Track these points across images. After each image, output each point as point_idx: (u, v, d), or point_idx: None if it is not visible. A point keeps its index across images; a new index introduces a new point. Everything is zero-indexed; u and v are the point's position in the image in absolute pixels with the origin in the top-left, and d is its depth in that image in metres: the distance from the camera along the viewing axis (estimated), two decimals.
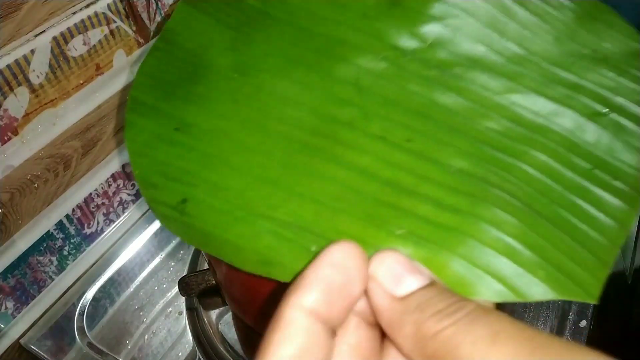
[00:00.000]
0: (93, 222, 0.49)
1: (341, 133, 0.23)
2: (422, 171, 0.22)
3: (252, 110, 0.25)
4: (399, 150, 0.23)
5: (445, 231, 0.20)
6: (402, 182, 0.22)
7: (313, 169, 0.23)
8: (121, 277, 0.49)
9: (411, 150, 0.23)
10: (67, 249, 0.47)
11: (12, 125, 0.39)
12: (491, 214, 0.21)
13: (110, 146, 0.48)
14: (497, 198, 0.21)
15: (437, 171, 0.22)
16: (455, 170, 0.22)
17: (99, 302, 0.47)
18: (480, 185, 0.21)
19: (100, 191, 0.49)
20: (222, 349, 0.42)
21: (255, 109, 0.25)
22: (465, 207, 0.21)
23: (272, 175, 0.23)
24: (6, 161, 0.40)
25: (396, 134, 0.23)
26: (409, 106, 0.24)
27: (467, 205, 0.21)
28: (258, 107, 0.25)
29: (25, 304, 0.45)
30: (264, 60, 0.26)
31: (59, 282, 0.48)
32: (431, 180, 0.22)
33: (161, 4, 0.49)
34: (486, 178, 0.22)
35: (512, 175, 0.22)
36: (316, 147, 0.23)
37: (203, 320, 0.44)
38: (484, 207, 0.21)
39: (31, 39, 0.39)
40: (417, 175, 0.22)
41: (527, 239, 0.20)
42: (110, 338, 0.45)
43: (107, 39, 0.44)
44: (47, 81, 0.41)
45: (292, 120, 0.24)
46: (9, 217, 0.41)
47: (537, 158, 0.22)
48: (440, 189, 0.21)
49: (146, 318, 0.46)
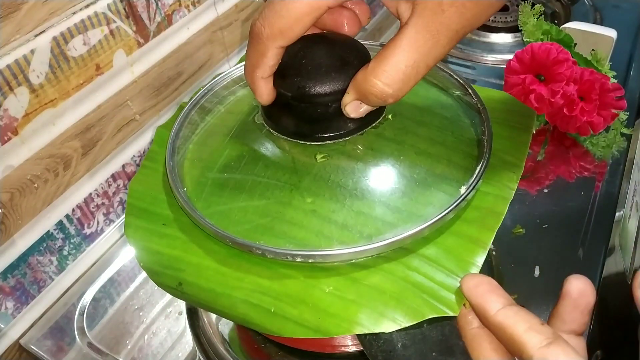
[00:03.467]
0: (93, 222, 0.49)
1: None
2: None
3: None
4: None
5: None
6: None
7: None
8: (121, 277, 0.49)
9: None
10: (67, 249, 0.47)
11: (12, 125, 0.39)
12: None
13: (110, 146, 0.48)
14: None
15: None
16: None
17: (99, 302, 0.47)
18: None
19: (100, 191, 0.49)
20: (222, 349, 0.42)
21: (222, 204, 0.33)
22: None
23: (235, 252, 0.30)
24: (6, 161, 0.40)
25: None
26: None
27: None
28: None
29: (25, 304, 0.45)
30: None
31: (59, 282, 0.48)
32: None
33: (161, 4, 0.49)
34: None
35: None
36: (265, 227, 0.31)
37: (203, 320, 0.44)
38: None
39: (31, 39, 0.39)
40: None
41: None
42: (110, 338, 0.45)
43: (107, 39, 0.44)
44: (47, 81, 0.41)
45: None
46: (9, 217, 0.41)
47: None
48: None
49: (146, 318, 0.46)
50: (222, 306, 0.29)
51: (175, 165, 0.35)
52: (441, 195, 0.31)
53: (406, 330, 0.28)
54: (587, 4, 0.78)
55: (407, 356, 0.28)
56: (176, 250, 0.31)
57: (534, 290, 0.44)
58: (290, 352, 0.41)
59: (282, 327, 0.28)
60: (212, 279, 0.30)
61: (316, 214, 0.30)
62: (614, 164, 0.54)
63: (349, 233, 0.30)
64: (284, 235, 0.30)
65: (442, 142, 0.34)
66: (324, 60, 0.30)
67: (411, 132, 0.34)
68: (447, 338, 0.29)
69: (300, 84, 0.30)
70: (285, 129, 0.33)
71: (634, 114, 0.59)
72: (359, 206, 0.30)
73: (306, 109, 0.32)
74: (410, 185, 0.31)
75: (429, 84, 0.39)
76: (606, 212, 0.50)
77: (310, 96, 0.30)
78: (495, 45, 0.72)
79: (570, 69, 0.53)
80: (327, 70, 0.30)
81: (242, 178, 0.33)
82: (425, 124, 0.35)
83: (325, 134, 0.32)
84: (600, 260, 0.45)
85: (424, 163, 0.32)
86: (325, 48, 0.31)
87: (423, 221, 0.29)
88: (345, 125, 0.32)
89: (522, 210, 0.50)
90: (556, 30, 0.60)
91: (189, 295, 0.30)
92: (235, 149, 0.35)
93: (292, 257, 0.28)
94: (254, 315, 0.28)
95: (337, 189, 0.31)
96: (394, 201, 0.31)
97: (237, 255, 0.30)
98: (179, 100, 0.54)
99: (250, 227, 0.31)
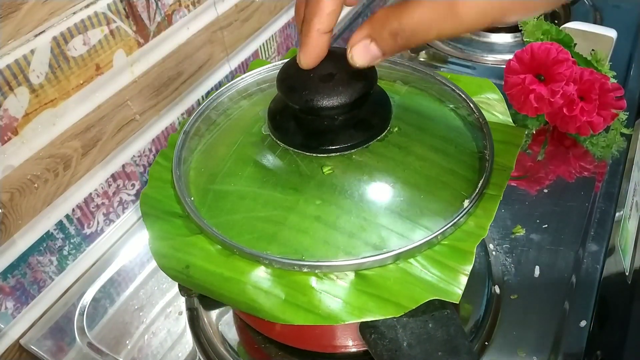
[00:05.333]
0: (93, 222, 0.49)
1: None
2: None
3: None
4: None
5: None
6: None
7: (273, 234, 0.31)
8: (121, 277, 0.49)
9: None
10: (67, 249, 0.47)
11: (12, 125, 0.39)
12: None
13: (110, 146, 0.48)
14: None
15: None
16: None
17: (99, 302, 0.47)
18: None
19: (100, 191, 0.49)
20: (222, 349, 0.42)
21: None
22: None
23: (246, 238, 0.31)
24: (6, 161, 0.40)
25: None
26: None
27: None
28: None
29: (25, 304, 0.45)
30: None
31: (59, 282, 0.48)
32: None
33: (161, 4, 0.49)
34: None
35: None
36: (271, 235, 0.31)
37: (203, 320, 0.44)
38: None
39: (31, 39, 0.39)
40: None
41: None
42: (110, 338, 0.45)
43: (107, 39, 0.44)
44: (47, 81, 0.41)
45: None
46: (9, 217, 0.41)
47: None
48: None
49: (146, 318, 0.46)
50: (229, 291, 0.29)
51: (182, 174, 0.35)
52: (444, 205, 0.31)
53: (412, 330, 0.29)
54: (587, 4, 0.78)
55: (413, 355, 0.28)
56: (187, 236, 0.32)
57: (534, 290, 0.44)
58: (291, 353, 0.41)
59: (293, 314, 0.28)
60: (221, 263, 0.30)
61: (322, 221, 0.31)
62: (614, 164, 0.54)
63: (354, 241, 0.30)
64: (289, 243, 0.30)
65: (445, 154, 0.35)
66: (331, 73, 0.31)
67: (415, 144, 0.34)
68: (453, 338, 0.29)
69: (308, 97, 0.31)
70: (292, 141, 0.34)
71: (633, 114, 0.59)
72: (365, 215, 0.31)
73: (313, 122, 0.33)
74: (415, 195, 0.32)
75: (432, 97, 0.40)
76: (606, 212, 0.50)
77: (318, 109, 0.31)
78: (495, 45, 0.72)
79: (570, 68, 0.53)
80: (334, 84, 0.31)
81: (248, 187, 0.33)
82: (428, 136, 0.35)
83: (332, 146, 0.33)
84: (600, 260, 0.45)
85: (428, 174, 0.33)
86: (332, 62, 0.31)
87: (427, 232, 0.30)
88: (352, 138, 0.33)
89: (522, 210, 0.50)
90: (556, 30, 0.61)
91: (195, 279, 0.30)
92: (240, 158, 0.35)
93: (299, 268, 0.29)
94: (263, 301, 0.28)
95: (342, 199, 0.32)
96: (399, 211, 0.31)
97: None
98: (179, 100, 0.54)
99: (257, 236, 0.31)
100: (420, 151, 0.34)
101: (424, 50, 0.73)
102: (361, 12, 0.81)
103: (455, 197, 0.32)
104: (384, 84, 0.41)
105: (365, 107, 0.33)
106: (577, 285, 0.44)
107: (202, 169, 0.36)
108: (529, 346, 0.40)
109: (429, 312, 0.29)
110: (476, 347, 0.41)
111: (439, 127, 0.37)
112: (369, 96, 0.32)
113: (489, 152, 0.34)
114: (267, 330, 0.40)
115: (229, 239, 0.30)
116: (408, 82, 0.41)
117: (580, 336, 0.41)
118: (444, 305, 0.30)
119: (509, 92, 0.56)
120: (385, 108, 0.35)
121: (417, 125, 0.36)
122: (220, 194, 0.34)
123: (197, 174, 0.36)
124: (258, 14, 0.62)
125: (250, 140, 0.36)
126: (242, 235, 0.31)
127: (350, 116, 0.33)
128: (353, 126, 0.33)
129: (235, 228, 0.32)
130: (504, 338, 0.41)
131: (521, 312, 0.43)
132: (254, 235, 0.31)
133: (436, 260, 0.29)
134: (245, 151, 0.36)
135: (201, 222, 0.32)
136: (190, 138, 0.38)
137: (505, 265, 0.46)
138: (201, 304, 0.45)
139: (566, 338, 0.41)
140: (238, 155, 0.36)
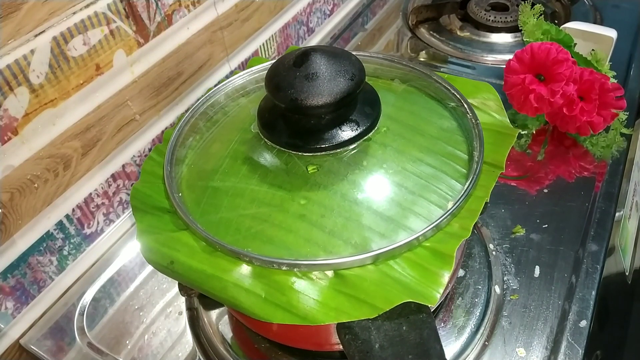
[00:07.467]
0: (93, 222, 0.49)
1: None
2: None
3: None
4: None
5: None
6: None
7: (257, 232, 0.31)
8: (121, 277, 0.49)
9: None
10: (67, 249, 0.47)
11: (12, 125, 0.39)
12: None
13: (110, 146, 0.48)
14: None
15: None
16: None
17: (99, 302, 0.47)
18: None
19: (100, 191, 0.49)
20: (222, 349, 0.42)
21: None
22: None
23: (232, 235, 0.31)
24: (6, 161, 0.40)
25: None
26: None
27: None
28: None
29: (25, 304, 0.45)
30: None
31: (59, 282, 0.48)
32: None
33: (161, 4, 0.49)
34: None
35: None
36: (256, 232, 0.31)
37: (203, 320, 0.44)
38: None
39: (31, 39, 0.39)
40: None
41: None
42: (110, 338, 0.45)
43: (107, 39, 0.44)
44: (47, 81, 0.41)
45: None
46: (9, 217, 0.41)
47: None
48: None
49: (146, 318, 0.46)
50: (212, 288, 0.30)
51: (172, 170, 0.35)
52: (429, 207, 0.31)
53: (385, 332, 0.29)
54: (587, 4, 0.78)
55: (384, 357, 0.28)
56: (173, 231, 0.32)
57: (534, 290, 0.44)
58: (290, 353, 0.41)
59: (271, 313, 0.28)
60: (204, 260, 0.30)
61: (306, 220, 0.31)
62: (614, 164, 0.54)
63: (335, 240, 0.30)
64: (273, 240, 0.31)
65: (435, 154, 0.34)
66: (318, 72, 0.31)
67: (405, 144, 0.34)
68: (425, 341, 0.29)
69: (293, 96, 0.31)
70: (279, 139, 0.34)
71: (633, 114, 0.59)
72: (348, 214, 0.31)
73: (300, 120, 0.33)
74: (400, 196, 0.32)
75: (426, 95, 0.39)
76: (606, 212, 0.50)
77: (303, 108, 0.31)
78: (495, 45, 0.72)
79: (570, 68, 0.53)
80: (320, 83, 0.31)
81: (237, 184, 0.34)
82: (419, 136, 0.35)
83: (318, 145, 0.33)
84: (600, 260, 0.45)
85: (415, 174, 0.33)
86: (319, 61, 0.31)
87: (409, 233, 0.30)
88: (338, 138, 0.33)
89: (522, 210, 0.50)
90: (556, 30, 0.60)
91: (179, 274, 0.31)
92: (230, 156, 0.35)
93: (279, 266, 0.29)
94: (244, 299, 0.29)
95: (327, 198, 0.32)
96: (382, 211, 0.31)
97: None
98: (179, 100, 0.54)
99: (243, 233, 0.31)
100: (410, 151, 0.34)
101: (424, 50, 0.73)
102: (361, 12, 0.81)
103: (442, 198, 0.32)
104: (381, 82, 0.41)
105: (353, 106, 0.33)
106: (577, 285, 0.44)
107: (194, 165, 0.36)
108: (528, 346, 0.40)
109: (404, 315, 0.29)
110: (476, 347, 0.41)
111: (431, 127, 0.37)
112: (356, 95, 0.32)
113: (479, 153, 0.34)
114: (258, 328, 0.40)
115: (212, 235, 0.31)
116: (405, 81, 0.41)
117: (580, 336, 0.41)
118: (420, 308, 0.29)
119: (508, 92, 0.56)
120: (374, 107, 0.35)
121: (409, 125, 0.36)
122: (211, 190, 0.34)
123: (190, 170, 0.36)
124: (258, 14, 0.62)
125: (242, 138, 0.36)
126: (228, 232, 0.31)
127: (337, 115, 0.33)
128: (340, 125, 0.33)
129: (222, 225, 0.32)
130: (504, 338, 0.41)
131: (521, 312, 0.43)
132: (240, 233, 0.31)
133: (415, 262, 0.29)
134: (237, 149, 0.36)
135: (187, 218, 0.32)
136: (186, 134, 0.38)
137: (505, 265, 0.46)
138: (201, 304, 0.45)
139: (566, 338, 0.41)
140: (230, 153, 0.36)
